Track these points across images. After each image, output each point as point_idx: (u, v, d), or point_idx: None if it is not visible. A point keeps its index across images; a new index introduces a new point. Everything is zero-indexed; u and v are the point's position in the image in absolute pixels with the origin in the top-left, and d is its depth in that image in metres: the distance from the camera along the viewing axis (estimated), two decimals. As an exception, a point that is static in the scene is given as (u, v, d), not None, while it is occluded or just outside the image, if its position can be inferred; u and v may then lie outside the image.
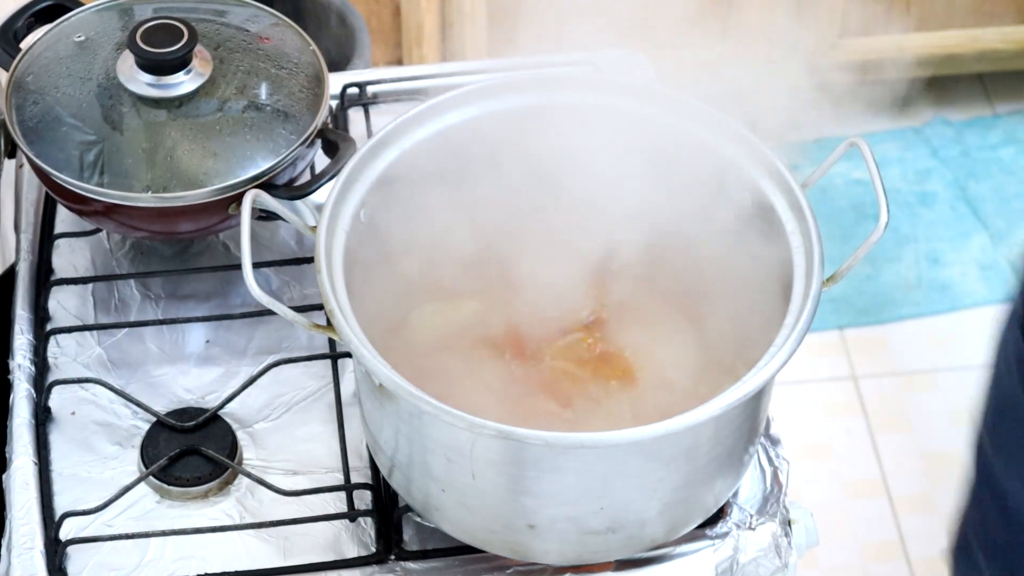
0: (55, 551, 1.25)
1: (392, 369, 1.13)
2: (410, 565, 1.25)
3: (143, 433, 1.33)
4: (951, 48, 2.85)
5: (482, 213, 1.33)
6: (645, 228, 1.37)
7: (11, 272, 1.48)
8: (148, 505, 1.30)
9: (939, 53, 2.84)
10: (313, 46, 1.44)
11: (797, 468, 1.36)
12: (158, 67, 1.36)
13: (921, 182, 2.89)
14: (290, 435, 1.35)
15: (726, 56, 1.34)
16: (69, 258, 1.47)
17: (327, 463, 1.32)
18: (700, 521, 1.25)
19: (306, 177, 1.39)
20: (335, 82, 1.53)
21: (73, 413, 1.36)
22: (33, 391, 1.35)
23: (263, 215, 1.41)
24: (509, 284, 1.33)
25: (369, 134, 1.55)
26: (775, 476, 1.31)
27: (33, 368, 1.37)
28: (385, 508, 1.28)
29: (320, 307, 1.34)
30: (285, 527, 1.27)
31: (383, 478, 1.28)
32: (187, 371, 1.39)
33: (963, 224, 2.86)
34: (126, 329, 1.41)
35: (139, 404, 1.34)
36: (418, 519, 1.27)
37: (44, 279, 1.44)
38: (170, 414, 1.34)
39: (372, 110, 1.59)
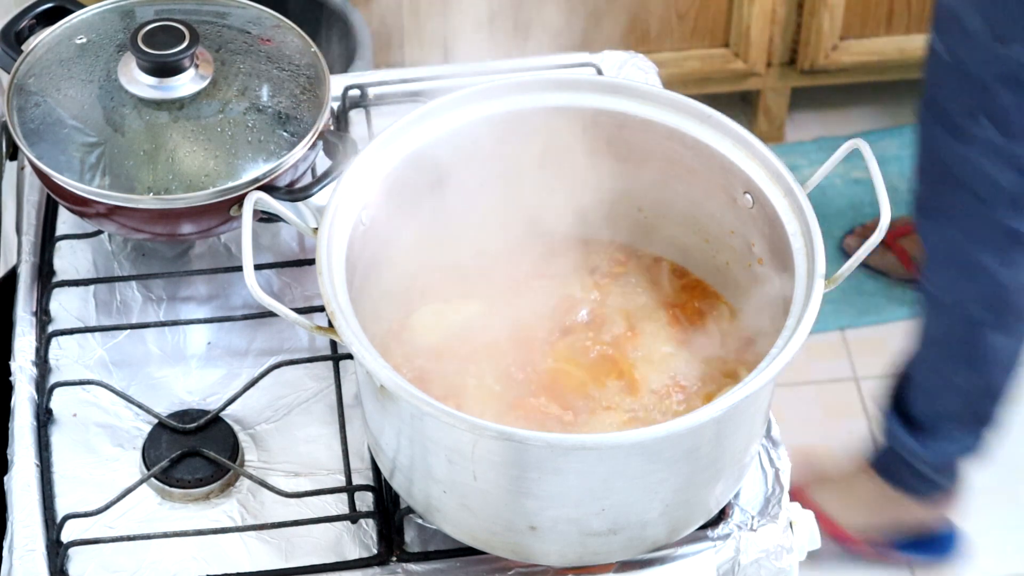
0: (56, 553, 1.25)
1: (393, 371, 1.13)
2: (412, 567, 1.25)
3: (145, 435, 1.33)
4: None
5: (483, 214, 1.33)
6: (646, 229, 1.37)
7: (13, 274, 1.48)
8: (150, 507, 1.30)
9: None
10: (314, 48, 1.44)
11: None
12: (160, 69, 1.36)
13: (921, 182, 2.88)
14: (291, 437, 1.35)
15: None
16: (71, 260, 1.47)
17: (328, 465, 1.32)
18: (702, 522, 1.25)
19: (308, 179, 1.39)
20: (336, 84, 1.53)
21: (75, 415, 1.36)
22: (35, 393, 1.35)
23: (264, 217, 1.41)
24: (510, 286, 1.33)
25: (370, 136, 1.55)
26: (777, 478, 1.31)
27: (35, 370, 1.37)
28: (386, 510, 1.28)
29: (321, 309, 1.34)
30: (287, 529, 1.27)
31: (384, 480, 1.28)
32: (188, 373, 1.39)
33: (964, 224, 2.86)
34: (127, 331, 1.41)
35: (140, 406, 1.34)
36: (419, 521, 1.27)
37: (46, 281, 1.44)
38: (172, 416, 1.34)
39: (373, 112, 1.58)
